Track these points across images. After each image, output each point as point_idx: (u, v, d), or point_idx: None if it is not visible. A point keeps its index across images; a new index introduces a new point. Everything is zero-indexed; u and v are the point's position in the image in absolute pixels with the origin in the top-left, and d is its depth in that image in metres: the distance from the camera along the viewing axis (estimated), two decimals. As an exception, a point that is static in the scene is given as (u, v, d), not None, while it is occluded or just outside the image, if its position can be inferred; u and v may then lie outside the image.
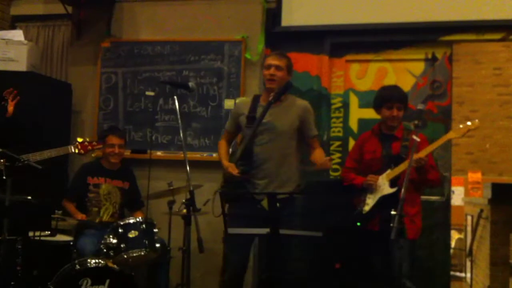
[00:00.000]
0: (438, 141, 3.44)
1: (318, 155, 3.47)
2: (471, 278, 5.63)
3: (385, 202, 3.44)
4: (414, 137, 3.35)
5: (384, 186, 3.49)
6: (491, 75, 7.57)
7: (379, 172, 3.51)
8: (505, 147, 7.26)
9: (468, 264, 5.69)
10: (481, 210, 5.40)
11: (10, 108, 3.83)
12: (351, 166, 3.72)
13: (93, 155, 4.07)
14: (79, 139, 3.92)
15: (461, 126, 3.44)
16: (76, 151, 3.87)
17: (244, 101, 3.69)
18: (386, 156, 3.55)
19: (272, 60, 3.50)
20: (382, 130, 3.65)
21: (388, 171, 3.49)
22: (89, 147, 3.91)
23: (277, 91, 3.43)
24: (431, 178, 3.54)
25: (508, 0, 4.40)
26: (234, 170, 3.35)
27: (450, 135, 3.47)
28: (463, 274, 5.88)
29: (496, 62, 7.51)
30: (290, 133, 3.49)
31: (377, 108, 3.66)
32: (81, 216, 3.96)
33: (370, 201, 3.53)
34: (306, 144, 3.58)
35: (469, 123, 3.45)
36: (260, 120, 3.38)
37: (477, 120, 3.45)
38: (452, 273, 5.66)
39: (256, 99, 3.58)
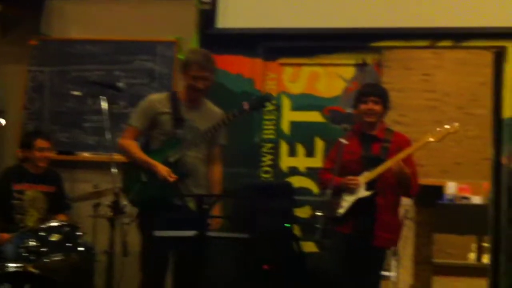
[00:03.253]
0: (416, 144, 3.36)
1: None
2: (396, 277, 5.80)
3: (361, 205, 3.36)
4: (342, 140, 3.41)
5: (360, 189, 3.36)
6: (420, 81, 7.89)
7: (357, 173, 3.39)
8: (432, 151, 7.54)
9: (394, 263, 5.87)
10: (406, 211, 5.60)
11: None
12: (328, 167, 3.53)
13: None
14: None
15: (438, 129, 3.34)
16: None
17: (160, 98, 3.49)
18: (365, 157, 3.44)
19: (203, 72, 3.41)
20: (362, 130, 3.52)
21: (366, 173, 3.37)
22: None
23: (255, 103, 3.44)
24: (411, 185, 3.40)
25: (435, 8, 4.54)
26: (171, 177, 3.27)
27: (429, 138, 3.35)
28: (389, 273, 6.06)
29: (425, 68, 7.85)
30: (209, 138, 3.46)
31: (356, 106, 3.55)
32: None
33: (346, 204, 3.38)
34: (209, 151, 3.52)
35: (447, 126, 3.35)
36: (212, 130, 3.34)
37: (456, 124, 3.34)
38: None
39: (174, 97, 3.45)
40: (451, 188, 6.93)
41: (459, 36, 4.53)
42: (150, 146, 3.43)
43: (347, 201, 3.42)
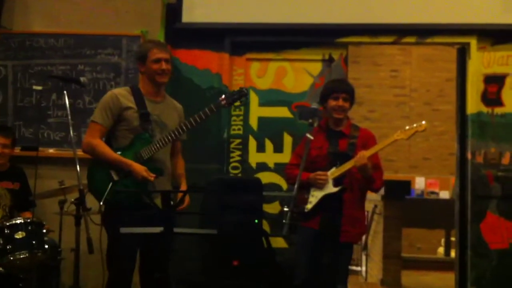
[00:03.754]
0: (384, 142, 3.37)
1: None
2: (366, 272, 5.87)
3: (328, 201, 3.38)
4: (308, 135, 3.39)
5: (328, 185, 3.39)
6: (388, 77, 7.99)
7: (325, 169, 3.40)
8: (400, 147, 7.66)
9: (363, 258, 5.93)
10: (375, 206, 5.66)
11: None
12: (295, 163, 3.52)
13: None
14: None
15: (407, 127, 3.36)
16: None
17: (123, 92, 3.32)
18: (332, 153, 3.45)
19: (163, 54, 3.31)
20: (329, 126, 3.53)
21: (333, 169, 3.40)
22: None
23: (232, 97, 3.31)
24: (375, 179, 3.44)
25: (400, 4, 4.60)
26: (150, 175, 3.19)
27: (398, 136, 3.36)
28: (359, 268, 6.12)
29: (393, 64, 7.96)
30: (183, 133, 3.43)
31: (324, 101, 3.53)
32: None
33: (313, 199, 3.41)
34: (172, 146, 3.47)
35: (415, 124, 3.36)
36: (179, 131, 3.26)
37: (424, 122, 3.35)
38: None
39: (137, 92, 3.33)
40: (419, 183, 7.05)
41: (423, 32, 4.59)
42: (114, 143, 3.30)
43: (315, 197, 3.44)
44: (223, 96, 3.34)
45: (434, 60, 7.63)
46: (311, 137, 3.35)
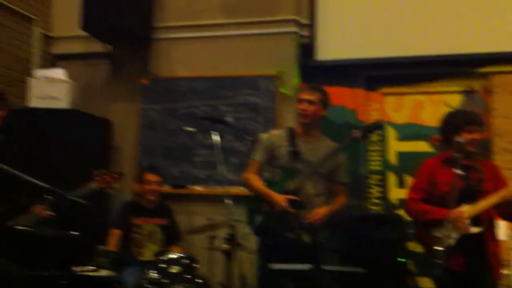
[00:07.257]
0: None
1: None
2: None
3: (468, 241, 3.20)
4: (457, 171, 3.27)
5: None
6: (527, 107, 7.52)
7: (450, 205, 3.16)
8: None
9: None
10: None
11: None
12: (419, 197, 3.35)
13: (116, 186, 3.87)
14: (96, 172, 3.70)
15: None
16: (101, 185, 3.67)
17: (278, 133, 3.59)
18: (465, 189, 3.23)
19: (305, 95, 3.47)
20: (457, 160, 3.27)
21: (465, 206, 3.19)
22: (109, 179, 3.74)
23: (366, 129, 3.37)
24: None
25: (545, 30, 4.38)
26: (288, 207, 3.31)
27: None
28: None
29: (533, 92, 7.48)
30: (325, 172, 3.47)
31: (455, 132, 3.30)
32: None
33: (451, 240, 3.20)
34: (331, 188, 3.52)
35: None
36: (325, 160, 3.35)
37: None
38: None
39: (291, 132, 3.52)
40: None
41: None
42: (268, 178, 3.53)
43: (451, 237, 3.24)
44: (356, 130, 3.35)
45: None
46: (461, 172, 3.23)
